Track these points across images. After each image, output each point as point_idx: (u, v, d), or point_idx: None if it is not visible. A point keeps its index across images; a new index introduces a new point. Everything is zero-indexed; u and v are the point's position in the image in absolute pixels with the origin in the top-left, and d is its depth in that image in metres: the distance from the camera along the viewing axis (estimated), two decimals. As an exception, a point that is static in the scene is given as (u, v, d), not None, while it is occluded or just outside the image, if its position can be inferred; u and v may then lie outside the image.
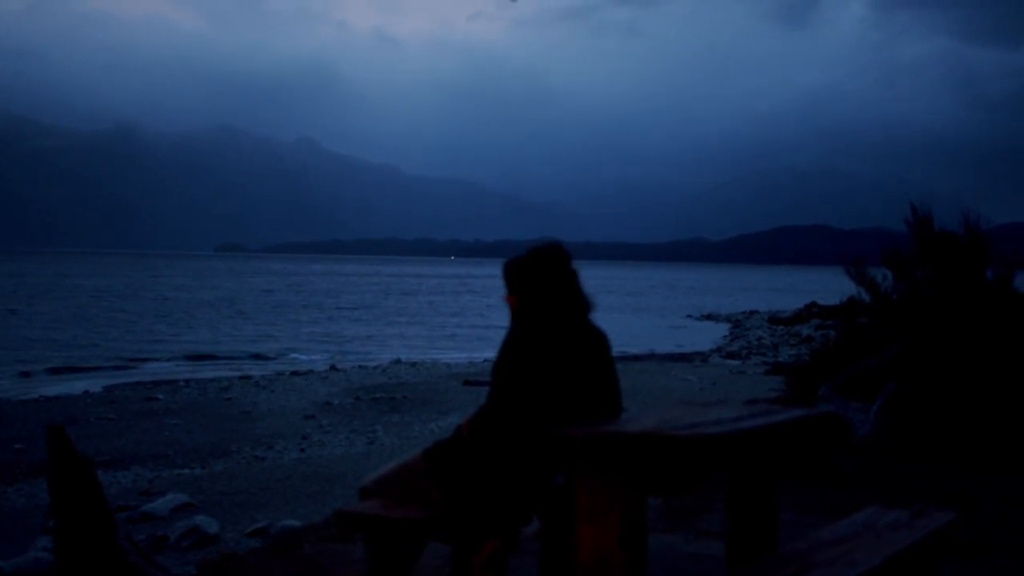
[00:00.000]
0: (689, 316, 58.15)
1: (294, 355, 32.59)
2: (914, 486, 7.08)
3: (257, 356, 32.17)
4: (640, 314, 60.99)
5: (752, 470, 4.06)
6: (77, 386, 22.99)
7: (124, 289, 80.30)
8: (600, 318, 4.41)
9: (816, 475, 7.27)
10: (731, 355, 31.18)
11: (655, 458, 3.30)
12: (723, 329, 45.99)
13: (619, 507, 3.33)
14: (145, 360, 29.99)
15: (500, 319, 4.43)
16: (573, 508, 3.46)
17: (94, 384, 23.32)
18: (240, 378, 23.71)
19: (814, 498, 6.66)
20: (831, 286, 14.61)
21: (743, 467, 4.04)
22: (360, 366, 27.36)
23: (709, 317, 55.78)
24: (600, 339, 4.37)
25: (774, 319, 46.56)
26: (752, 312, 56.51)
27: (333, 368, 26.67)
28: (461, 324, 48.80)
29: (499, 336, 4.41)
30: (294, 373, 25.08)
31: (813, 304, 46.72)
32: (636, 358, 30.27)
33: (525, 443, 4.12)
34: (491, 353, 4.35)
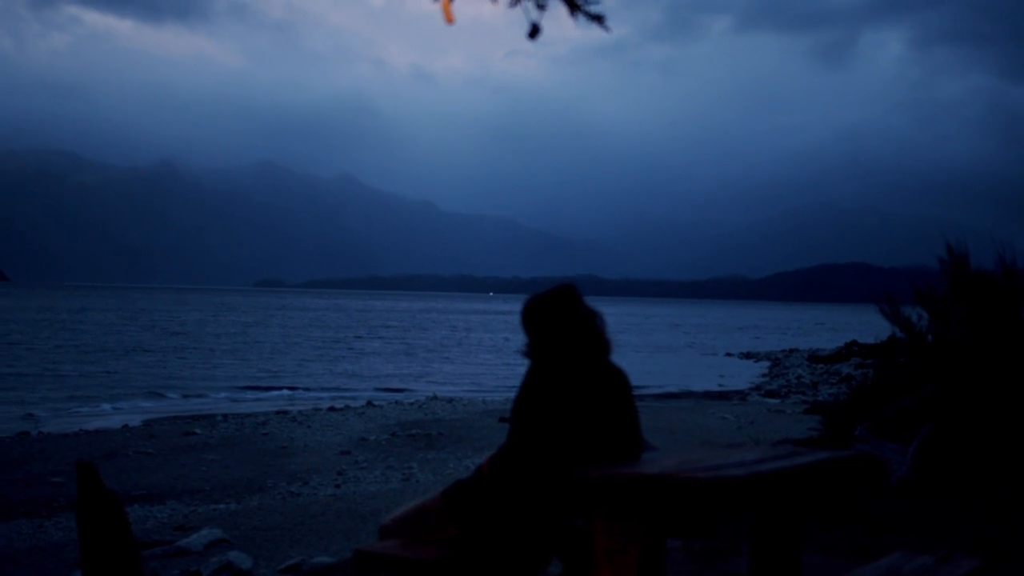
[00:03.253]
0: (728, 354, 57.82)
1: (331, 391, 32.70)
2: (945, 528, 7.01)
3: (294, 391, 32.31)
4: (679, 352, 60.73)
5: (775, 513, 4.05)
6: (116, 420, 23.22)
7: (165, 323, 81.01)
8: (638, 356, 4.46)
9: (845, 517, 7.21)
10: (770, 394, 30.98)
11: (674, 500, 3.29)
12: (762, 367, 45.72)
13: (637, 549, 3.34)
14: (184, 395, 30.22)
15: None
16: (592, 550, 3.47)
17: (133, 418, 23.53)
18: (277, 413, 23.84)
19: (842, 541, 6.61)
20: (872, 324, 14.49)
21: (765, 510, 4.03)
22: (396, 402, 27.43)
23: (748, 355, 55.42)
24: (619, 378, 4.38)
25: (814, 357, 46.13)
26: (792, 350, 56.08)
27: (370, 404, 26.76)
28: (498, 361, 48.79)
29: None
30: (331, 409, 25.15)
31: (854, 342, 46.24)
32: (674, 396, 30.22)
33: (544, 484, 4.13)
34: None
